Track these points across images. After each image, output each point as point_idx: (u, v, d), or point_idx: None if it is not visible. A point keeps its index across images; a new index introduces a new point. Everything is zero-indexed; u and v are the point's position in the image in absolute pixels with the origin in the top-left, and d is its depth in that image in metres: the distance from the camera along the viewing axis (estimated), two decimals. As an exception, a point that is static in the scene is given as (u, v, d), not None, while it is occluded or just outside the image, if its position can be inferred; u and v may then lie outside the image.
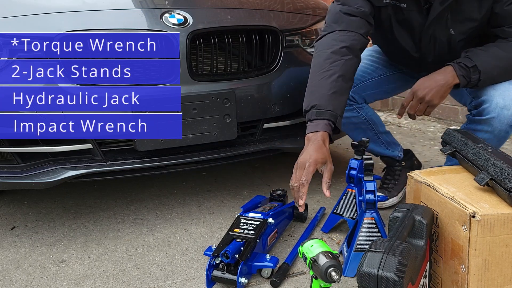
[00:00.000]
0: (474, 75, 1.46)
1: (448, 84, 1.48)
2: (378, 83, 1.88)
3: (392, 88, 1.94)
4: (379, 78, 1.88)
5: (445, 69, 1.50)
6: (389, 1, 1.57)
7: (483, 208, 1.11)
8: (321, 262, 1.06)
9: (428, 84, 1.50)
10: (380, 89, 1.89)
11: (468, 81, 1.47)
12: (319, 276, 1.07)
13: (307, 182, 1.29)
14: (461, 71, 1.47)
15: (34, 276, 1.53)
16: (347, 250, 1.51)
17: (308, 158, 1.31)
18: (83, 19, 1.69)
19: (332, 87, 1.42)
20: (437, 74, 1.50)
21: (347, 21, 1.53)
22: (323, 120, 1.37)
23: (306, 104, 1.44)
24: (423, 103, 1.51)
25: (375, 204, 1.47)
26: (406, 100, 1.54)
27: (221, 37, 1.83)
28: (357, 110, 1.84)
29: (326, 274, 1.05)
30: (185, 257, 1.62)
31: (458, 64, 1.48)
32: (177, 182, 2.32)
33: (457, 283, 1.17)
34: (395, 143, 2.01)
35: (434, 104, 1.50)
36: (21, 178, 1.68)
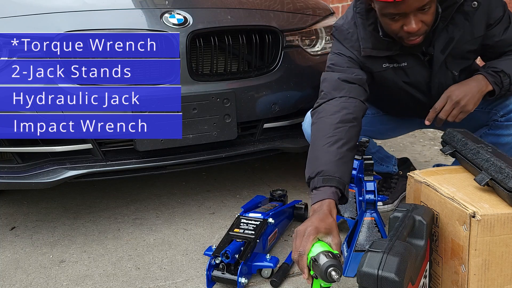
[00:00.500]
0: (505, 79, 1.46)
1: (482, 90, 1.46)
2: (371, 122, 1.81)
3: (386, 130, 1.87)
4: (371, 117, 1.81)
5: (476, 77, 1.49)
6: (388, 65, 1.53)
7: (483, 208, 1.11)
8: (321, 262, 1.05)
9: (463, 89, 1.47)
10: (373, 128, 1.82)
11: (501, 86, 1.47)
12: (320, 275, 1.06)
13: (304, 253, 1.11)
14: (492, 77, 1.47)
15: (34, 276, 1.53)
16: (347, 250, 1.51)
17: (309, 225, 1.15)
18: (83, 19, 1.69)
19: (338, 154, 1.31)
20: (470, 81, 1.49)
21: (347, 88, 1.47)
22: (331, 188, 1.24)
23: (311, 171, 1.31)
24: (457, 108, 1.46)
25: (375, 204, 1.47)
26: (438, 104, 1.49)
27: (221, 37, 1.83)
28: None
29: (326, 273, 1.04)
30: (185, 257, 1.62)
31: (487, 73, 1.48)
32: (177, 182, 2.32)
33: (457, 283, 1.17)
34: (388, 156, 1.98)
35: (468, 110, 1.47)
36: (21, 178, 1.68)
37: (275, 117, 1.97)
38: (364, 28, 1.50)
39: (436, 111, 1.50)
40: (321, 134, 1.38)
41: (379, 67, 1.54)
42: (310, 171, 1.31)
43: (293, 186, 2.18)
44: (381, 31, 1.46)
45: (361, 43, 1.50)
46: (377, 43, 1.49)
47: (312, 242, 1.12)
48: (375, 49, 1.49)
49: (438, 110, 1.50)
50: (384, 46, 1.49)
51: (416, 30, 1.33)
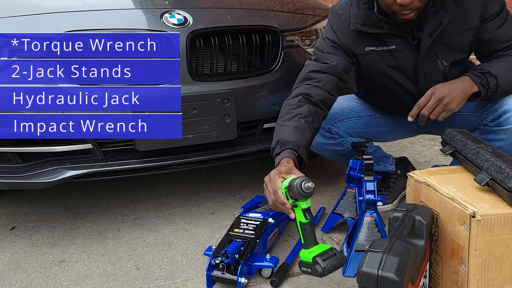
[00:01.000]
0: (492, 81, 1.45)
1: (467, 91, 1.46)
2: (367, 124, 1.83)
3: (382, 133, 1.87)
4: (367, 118, 1.83)
5: (462, 78, 1.49)
6: (373, 49, 1.57)
7: (483, 208, 1.11)
8: (294, 183, 1.18)
9: (448, 87, 1.47)
10: (369, 130, 1.84)
11: (487, 88, 1.46)
12: (298, 194, 1.17)
13: (278, 188, 1.25)
14: (478, 78, 1.47)
15: (34, 276, 1.53)
16: (347, 250, 1.51)
17: (271, 172, 1.31)
18: (83, 19, 1.69)
19: (293, 124, 1.46)
20: (456, 81, 1.49)
21: (315, 77, 1.57)
22: (286, 150, 1.39)
23: (273, 143, 1.47)
24: (440, 106, 1.47)
25: (375, 204, 1.47)
26: (422, 100, 1.49)
27: (221, 37, 1.83)
28: (342, 144, 1.81)
29: (302, 188, 1.15)
30: (185, 257, 1.62)
31: (473, 73, 1.48)
32: (177, 182, 2.32)
33: (457, 283, 1.17)
34: (386, 156, 1.99)
35: (451, 108, 1.47)
36: (21, 178, 1.68)
37: (275, 117, 1.96)
38: (359, 6, 1.54)
39: (419, 107, 1.50)
40: (281, 115, 1.54)
41: (362, 49, 1.58)
42: (272, 143, 1.47)
43: (293, 186, 2.18)
44: (376, 7, 1.49)
45: (352, 19, 1.55)
46: (368, 20, 1.52)
47: (279, 180, 1.26)
48: (365, 26, 1.53)
49: (421, 106, 1.49)
50: (375, 23, 1.51)
51: (409, 2, 1.35)
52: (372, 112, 1.85)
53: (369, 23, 1.52)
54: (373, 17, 1.51)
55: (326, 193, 2.13)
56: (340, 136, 1.80)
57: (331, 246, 1.25)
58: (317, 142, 1.79)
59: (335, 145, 1.81)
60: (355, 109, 1.84)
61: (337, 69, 1.58)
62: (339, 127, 1.80)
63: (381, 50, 1.57)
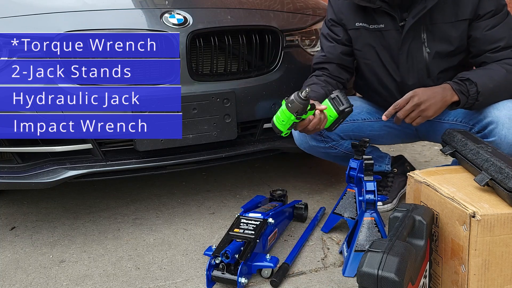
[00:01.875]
0: (472, 88, 1.45)
1: (446, 99, 1.47)
2: (360, 127, 1.84)
3: (376, 137, 1.88)
4: (361, 122, 1.84)
5: (443, 86, 1.50)
6: (363, 25, 1.63)
7: (483, 208, 1.11)
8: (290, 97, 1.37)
9: (427, 93, 1.48)
10: (362, 134, 1.84)
11: (467, 95, 1.46)
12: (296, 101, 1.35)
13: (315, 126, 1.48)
14: (458, 86, 1.47)
15: (34, 276, 1.53)
16: (347, 250, 1.51)
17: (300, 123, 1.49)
18: (83, 19, 1.69)
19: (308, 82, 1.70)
20: (437, 88, 1.50)
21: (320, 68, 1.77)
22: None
23: None
24: (417, 111, 1.48)
25: (375, 204, 1.47)
26: (400, 102, 1.51)
27: (221, 37, 1.83)
28: (335, 147, 1.82)
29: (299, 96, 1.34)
30: (185, 257, 1.62)
31: (453, 82, 1.49)
32: (177, 182, 2.32)
33: (457, 283, 1.17)
34: (381, 156, 1.99)
35: (427, 115, 1.48)
36: (21, 178, 1.68)
37: (275, 117, 1.97)
38: None
39: (396, 108, 1.52)
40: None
41: (352, 24, 1.66)
42: None
43: (293, 186, 2.18)
44: None
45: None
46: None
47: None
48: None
49: (398, 108, 1.51)
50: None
51: None
52: (366, 116, 1.84)
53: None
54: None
55: (326, 193, 2.13)
56: (332, 139, 1.81)
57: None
58: (309, 145, 1.80)
59: (327, 148, 1.82)
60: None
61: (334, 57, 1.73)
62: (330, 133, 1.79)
63: (372, 28, 1.62)
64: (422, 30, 1.54)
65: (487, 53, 1.53)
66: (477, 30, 1.51)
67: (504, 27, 1.52)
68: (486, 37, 1.51)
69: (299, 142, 1.83)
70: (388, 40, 1.61)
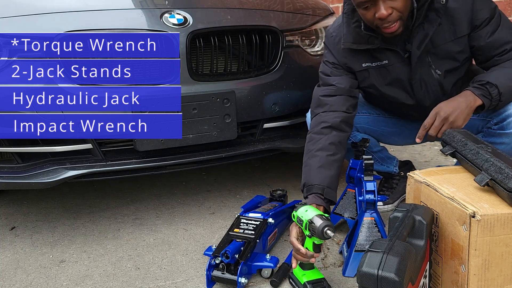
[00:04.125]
0: (493, 90, 1.44)
1: (471, 105, 1.44)
2: (375, 121, 1.84)
3: (389, 133, 1.87)
4: (376, 116, 1.84)
5: (464, 93, 1.48)
6: (369, 65, 1.60)
7: (483, 208, 1.11)
8: (317, 223, 1.26)
9: (451, 104, 1.46)
10: (376, 128, 1.84)
11: (490, 98, 1.45)
12: (317, 234, 1.26)
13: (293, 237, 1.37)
14: (479, 91, 1.45)
15: (34, 276, 1.53)
16: (347, 250, 1.51)
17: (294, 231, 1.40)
18: (83, 19, 1.69)
19: (316, 163, 1.50)
20: (458, 97, 1.48)
21: (327, 102, 1.60)
22: (311, 195, 1.46)
23: (301, 185, 1.53)
24: (446, 124, 1.45)
25: (375, 204, 1.47)
26: (428, 121, 1.48)
27: (221, 37, 1.83)
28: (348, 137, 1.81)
29: (323, 232, 1.25)
30: (185, 257, 1.62)
31: (473, 87, 1.47)
32: (177, 182, 2.32)
33: (457, 283, 1.17)
34: (390, 157, 1.99)
35: (458, 125, 1.45)
36: (21, 178, 1.68)
37: (275, 117, 1.97)
38: (348, 26, 1.57)
39: (426, 128, 1.48)
40: (305, 151, 1.57)
41: (359, 66, 1.60)
42: (301, 185, 1.53)
43: (293, 186, 2.18)
44: (363, 25, 1.51)
45: (343, 39, 1.58)
46: (358, 38, 1.55)
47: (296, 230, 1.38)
48: (356, 43, 1.56)
49: (428, 127, 1.47)
50: (365, 40, 1.54)
51: (386, 15, 1.37)
52: (382, 112, 1.85)
53: (359, 40, 1.55)
54: (362, 34, 1.53)
55: (326, 193, 2.13)
56: None
57: (324, 277, 1.35)
58: None
59: None
60: (366, 105, 1.85)
61: (344, 88, 1.60)
62: None
63: (376, 65, 1.59)
64: (426, 54, 1.54)
65: (495, 57, 1.52)
66: (479, 39, 1.51)
67: (504, 29, 1.51)
68: (490, 44, 1.51)
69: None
70: (394, 74, 1.59)
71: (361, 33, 1.53)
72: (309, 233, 1.30)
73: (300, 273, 1.36)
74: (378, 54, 1.57)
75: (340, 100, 1.59)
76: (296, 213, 1.36)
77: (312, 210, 1.32)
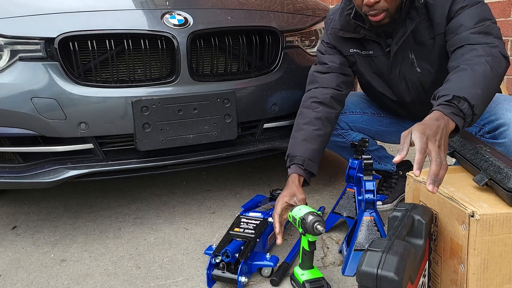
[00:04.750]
0: (463, 105, 1.19)
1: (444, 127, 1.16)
2: (369, 121, 1.86)
3: (384, 132, 1.88)
4: (371, 116, 1.86)
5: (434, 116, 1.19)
6: (356, 51, 1.64)
7: (482, 208, 1.12)
8: (308, 220, 1.29)
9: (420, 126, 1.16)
10: (371, 127, 1.86)
11: (463, 115, 1.19)
12: (308, 231, 1.29)
13: (276, 213, 1.44)
14: (448, 108, 1.20)
15: (35, 275, 1.53)
16: (346, 249, 1.51)
17: (278, 197, 1.49)
18: (84, 20, 1.69)
19: (302, 136, 1.58)
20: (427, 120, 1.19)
21: (318, 79, 1.67)
22: (293, 165, 1.54)
23: (286, 155, 1.60)
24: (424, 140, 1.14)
25: (374, 203, 1.47)
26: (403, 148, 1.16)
27: (222, 38, 1.84)
28: (343, 135, 1.84)
29: (313, 228, 1.27)
30: (186, 256, 1.62)
31: (441, 105, 1.21)
32: (177, 181, 2.33)
33: (456, 282, 1.18)
34: (387, 156, 2.00)
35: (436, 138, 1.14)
36: (22, 178, 1.69)
37: (275, 117, 1.98)
38: (342, 13, 1.62)
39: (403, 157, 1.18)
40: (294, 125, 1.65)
41: (347, 51, 1.66)
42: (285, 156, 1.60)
43: (293, 186, 2.19)
44: (353, 13, 1.56)
45: (332, 24, 1.65)
46: (346, 25, 1.60)
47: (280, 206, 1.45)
48: (342, 30, 1.62)
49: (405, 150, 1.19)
50: (352, 28, 1.59)
51: (373, 2, 1.40)
52: (376, 111, 1.87)
53: (346, 28, 1.60)
54: (351, 23, 1.58)
55: (326, 193, 2.14)
56: (341, 127, 1.83)
57: (323, 276, 1.36)
58: None
59: (335, 136, 1.83)
60: (361, 104, 1.87)
61: (336, 66, 1.67)
62: (341, 119, 1.83)
63: (363, 54, 1.64)
64: (410, 51, 1.55)
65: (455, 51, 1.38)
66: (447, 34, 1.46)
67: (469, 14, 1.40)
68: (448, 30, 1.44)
69: None
70: (379, 65, 1.63)
71: (350, 21, 1.57)
72: (302, 230, 1.33)
73: (299, 272, 1.37)
74: (365, 44, 1.61)
75: (331, 78, 1.66)
76: (291, 213, 1.39)
77: (304, 208, 1.35)
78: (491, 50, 1.32)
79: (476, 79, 1.25)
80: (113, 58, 1.70)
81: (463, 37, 1.38)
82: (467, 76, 1.26)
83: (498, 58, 1.32)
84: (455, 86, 1.24)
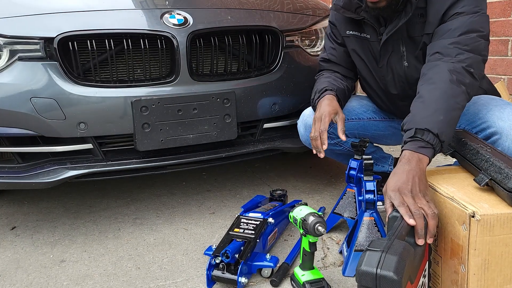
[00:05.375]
0: (427, 137, 1.20)
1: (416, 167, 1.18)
2: (365, 126, 1.84)
3: (380, 136, 1.88)
4: (367, 121, 1.85)
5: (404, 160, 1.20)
6: (352, 33, 1.67)
7: (482, 208, 1.11)
8: (309, 221, 1.29)
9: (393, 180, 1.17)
10: (367, 132, 1.85)
11: (432, 145, 1.20)
12: (309, 231, 1.29)
13: (325, 129, 1.51)
14: (414, 144, 1.21)
15: (35, 276, 1.53)
16: (347, 249, 1.51)
17: (322, 111, 1.55)
18: (83, 19, 1.69)
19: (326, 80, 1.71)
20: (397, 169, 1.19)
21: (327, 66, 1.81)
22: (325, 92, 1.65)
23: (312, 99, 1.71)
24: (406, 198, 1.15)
25: (374, 204, 1.47)
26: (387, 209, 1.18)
27: (221, 38, 1.84)
28: (339, 144, 1.82)
29: (314, 229, 1.27)
30: (185, 256, 1.62)
31: (406, 143, 1.23)
32: (177, 182, 2.33)
33: (456, 282, 1.18)
34: (385, 156, 2.00)
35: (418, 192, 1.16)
36: (21, 178, 1.68)
37: (275, 117, 1.98)
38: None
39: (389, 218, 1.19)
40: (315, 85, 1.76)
41: (344, 32, 1.71)
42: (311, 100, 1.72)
43: (293, 186, 2.18)
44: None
45: (335, 1, 1.68)
46: (348, 4, 1.62)
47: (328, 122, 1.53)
48: (343, 8, 1.64)
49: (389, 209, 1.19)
50: (353, 8, 1.61)
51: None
52: (372, 115, 1.85)
53: (348, 7, 1.63)
54: (354, 3, 1.60)
55: (326, 193, 2.13)
56: (337, 136, 1.81)
57: (323, 277, 1.35)
58: None
59: (332, 145, 1.82)
60: (355, 110, 1.85)
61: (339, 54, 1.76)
62: (336, 128, 1.79)
63: (362, 36, 1.65)
64: (401, 43, 1.54)
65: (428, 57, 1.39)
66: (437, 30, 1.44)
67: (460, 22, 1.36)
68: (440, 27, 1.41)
69: (304, 139, 1.84)
70: (373, 50, 1.63)
71: (353, 1, 1.60)
72: (303, 231, 1.33)
73: (300, 273, 1.36)
74: (364, 26, 1.62)
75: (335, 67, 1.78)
76: (292, 214, 1.39)
77: (306, 209, 1.35)
78: (455, 66, 1.31)
79: (437, 105, 1.25)
80: (113, 58, 1.70)
81: (440, 44, 1.38)
82: (427, 103, 1.26)
83: (461, 74, 1.30)
84: (417, 117, 1.25)
